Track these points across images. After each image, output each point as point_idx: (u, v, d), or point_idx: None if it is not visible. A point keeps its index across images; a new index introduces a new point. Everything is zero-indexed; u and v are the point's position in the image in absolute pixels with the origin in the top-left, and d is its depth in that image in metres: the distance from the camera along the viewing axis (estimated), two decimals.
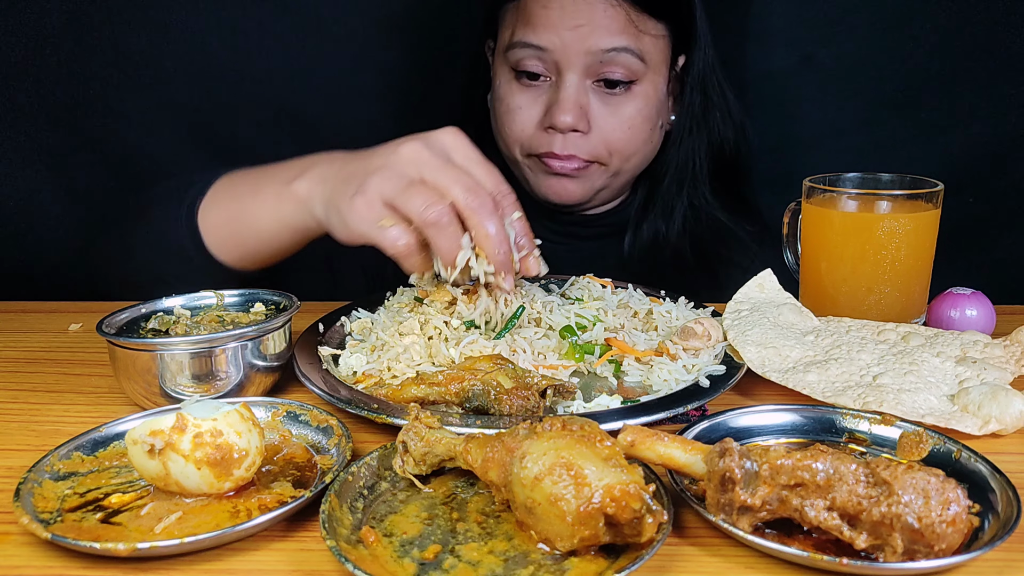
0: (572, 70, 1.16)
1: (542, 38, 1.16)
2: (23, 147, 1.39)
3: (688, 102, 1.26)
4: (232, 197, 1.00)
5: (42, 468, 0.64)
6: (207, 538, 0.56)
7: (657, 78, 1.22)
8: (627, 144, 1.22)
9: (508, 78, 1.22)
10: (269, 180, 0.97)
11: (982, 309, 0.94)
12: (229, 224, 0.99)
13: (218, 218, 1.00)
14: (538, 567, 0.54)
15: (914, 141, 1.35)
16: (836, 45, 1.34)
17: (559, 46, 1.15)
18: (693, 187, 1.30)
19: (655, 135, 1.26)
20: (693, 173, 1.29)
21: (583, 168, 1.21)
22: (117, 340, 0.76)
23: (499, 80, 1.24)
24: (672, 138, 1.29)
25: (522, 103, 1.21)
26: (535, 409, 0.74)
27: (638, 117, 1.21)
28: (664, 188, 1.29)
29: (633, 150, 1.23)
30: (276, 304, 0.88)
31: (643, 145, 1.25)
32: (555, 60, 1.17)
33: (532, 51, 1.17)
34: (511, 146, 1.24)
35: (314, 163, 0.95)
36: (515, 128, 1.22)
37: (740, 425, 0.71)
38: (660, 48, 1.21)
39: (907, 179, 0.97)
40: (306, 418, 0.72)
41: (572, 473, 0.53)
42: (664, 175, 1.29)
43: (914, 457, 0.66)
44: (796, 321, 0.90)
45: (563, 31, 1.15)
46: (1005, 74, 1.30)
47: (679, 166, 1.28)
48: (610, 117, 1.19)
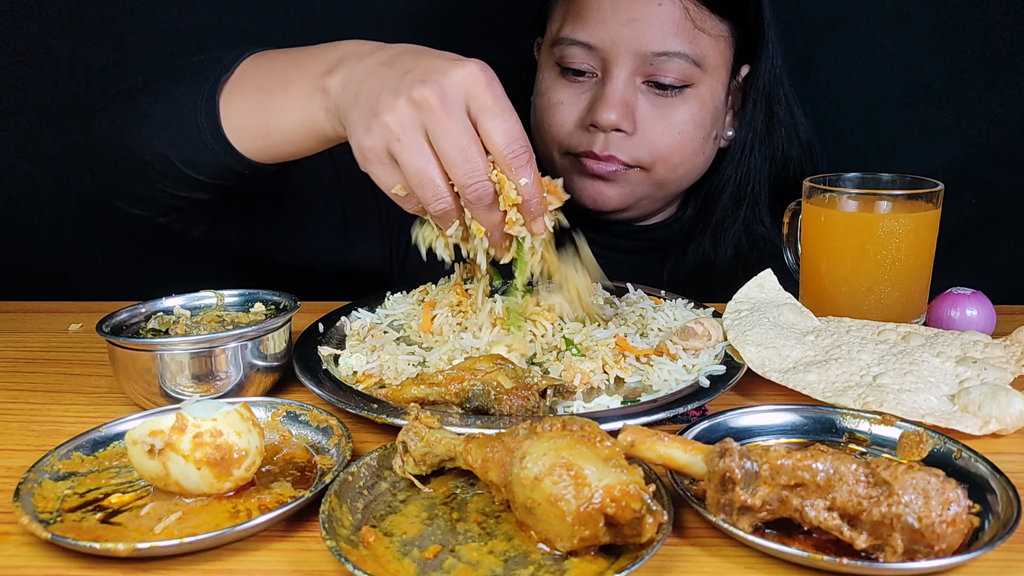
0: (620, 67, 1.09)
1: (591, 33, 1.09)
2: (23, 147, 1.39)
3: (751, 117, 1.18)
4: (260, 86, 0.91)
5: (42, 468, 0.64)
6: (207, 538, 0.56)
7: (714, 84, 1.14)
8: (675, 151, 1.13)
9: (552, 73, 1.16)
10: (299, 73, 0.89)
11: (982, 309, 0.94)
12: (254, 115, 0.91)
13: (243, 106, 0.92)
14: (538, 567, 0.54)
15: (914, 141, 1.35)
16: (836, 45, 1.34)
17: (608, 43, 1.09)
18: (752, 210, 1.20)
19: (708, 146, 1.17)
20: (752, 196, 1.20)
21: (622, 172, 1.13)
22: (117, 340, 0.76)
23: (542, 74, 1.18)
24: (730, 154, 1.20)
25: (564, 98, 1.14)
26: (535, 409, 0.74)
27: (690, 123, 1.12)
28: (719, 209, 1.20)
29: (681, 159, 1.14)
30: (276, 304, 0.88)
31: (693, 155, 1.16)
32: (603, 57, 1.10)
33: (579, 47, 1.11)
34: (549, 144, 1.17)
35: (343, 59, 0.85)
36: (555, 124, 1.15)
37: (740, 425, 0.71)
38: (720, 51, 1.13)
39: (907, 179, 0.97)
40: (306, 418, 0.72)
41: (572, 473, 0.53)
42: (718, 194, 1.20)
43: (914, 457, 0.66)
44: (796, 321, 0.90)
45: (613, 26, 1.08)
46: (1006, 74, 1.30)
47: (737, 185, 1.19)
48: (658, 120, 1.11)
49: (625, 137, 1.11)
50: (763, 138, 1.19)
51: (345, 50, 0.88)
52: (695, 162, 1.17)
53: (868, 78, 1.34)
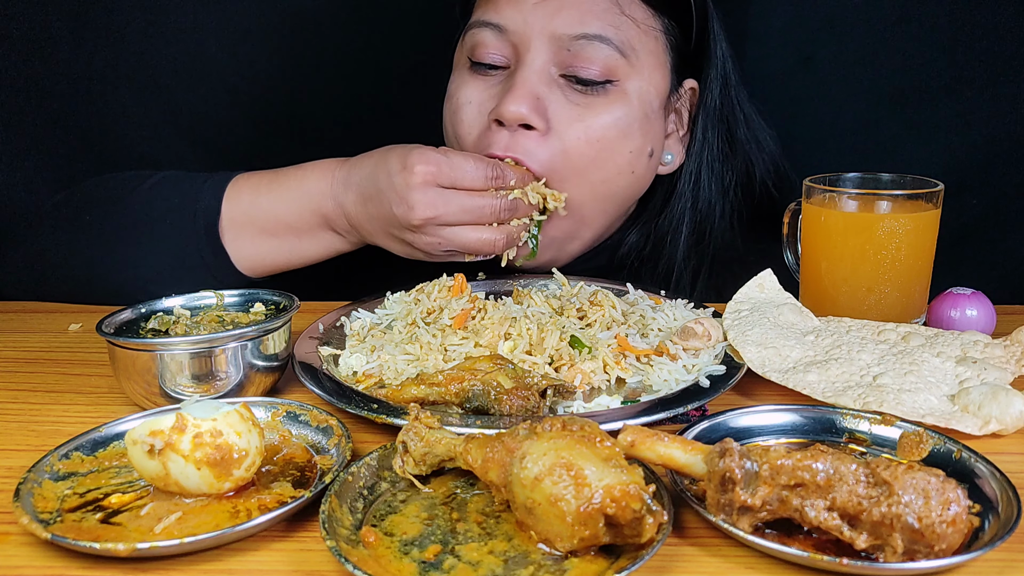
0: (534, 52, 0.95)
1: (502, 15, 0.97)
2: (22, 147, 1.39)
3: (701, 143, 1.04)
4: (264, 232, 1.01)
5: (42, 468, 0.64)
6: (207, 538, 0.56)
7: (644, 85, 0.98)
8: (593, 163, 0.96)
9: (463, 71, 1.03)
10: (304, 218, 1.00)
11: (982, 309, 0.94)
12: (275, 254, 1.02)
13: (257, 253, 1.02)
14: (538, 567, 0.54)
15: (914, 141, 1.35)
16: (836, 45, 1.34)
17: (520, 24, 0.95)
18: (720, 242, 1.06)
19: (639, 164, 1.00)
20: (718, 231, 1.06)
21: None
22: (117, 340, 0.76)
23: (453, 74, 1.05)
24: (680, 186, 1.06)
25: (473, 97, 1.00)
26: (535, 409, 0.74)
27: (613, 128, 0.96)
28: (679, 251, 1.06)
29: (602, 176, 0.97)
30: (276, 304, 0.88)
31: (617, 173, 0.99)
32: (515, 43, 0.97)
33: (489, 32, 0.97)
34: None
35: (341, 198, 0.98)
36: (462, 128, 1.00)
37: (740, 425, 0.71)
38: (651, 49, 0.99)
39: (907, 179, 0.97)
40: (306, 418, 0.71)
41: (572, 473, 0.53)
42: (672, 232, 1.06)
43: (914, 457, 0.66)
44: (796, 321, 0.90)
45: (527, 6, 0.95)
46: (1006, 74, 1.30)
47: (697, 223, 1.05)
48: (575, 121, 0.96)
49: (537, 137, 0.95)
50: (722, 165, 1.06)
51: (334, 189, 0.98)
52: (620, 183, 1.00)
53: (868, 78, 1.34)
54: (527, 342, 0.85)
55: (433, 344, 0.85)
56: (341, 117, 1.41)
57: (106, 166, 1.40)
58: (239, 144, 1.41)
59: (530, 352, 0.84)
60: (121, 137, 1.40)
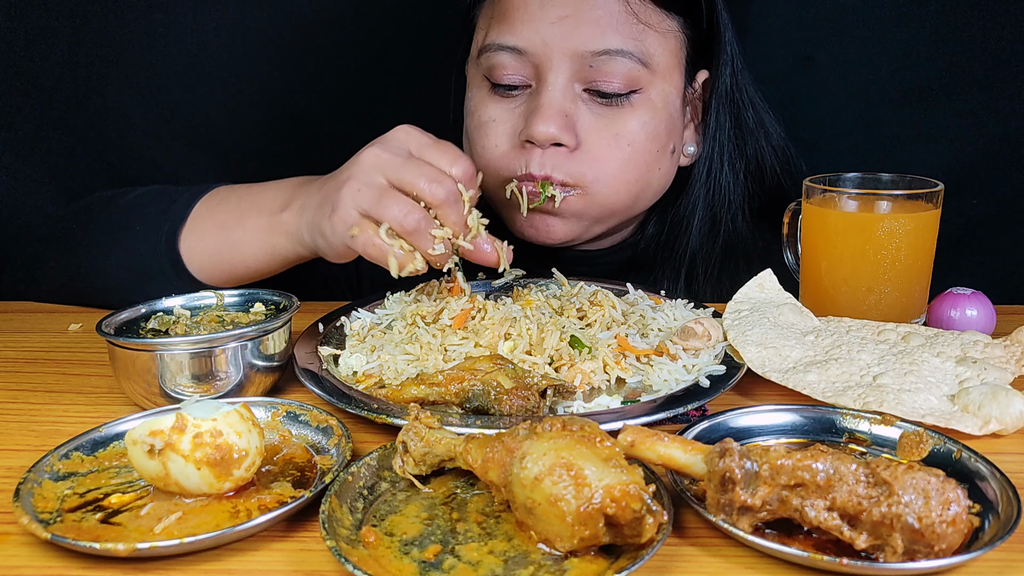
0: (556, 72, 0.96)
1: (519, 36, 0.96)
2: (22, 147, 1.39)
3: (715, 127, 1.06)
4: (217, 226, 0.99)
5: (42, 468, 0.64)
6: (207, 538, 0.56)
7: (667, 88, 1.01)
8: (626, 167, 0.99)
9: (482, 90, 1.03)
10: (254, 209, 0.98)
11: (982, 309, 0.94)
12: (216, 254, 0.99)
13: (204, 247, 0.99)
14: (538, 567, 0.54)
15: (914, 141, 1.35)
16: (836, 45, 1.34)
17: (539, 45, 0.96)
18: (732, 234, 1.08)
19: (665, 161, 1.04)
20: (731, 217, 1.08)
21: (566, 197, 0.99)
22: (117, 340, 0.76)
23: (471, 92, 1.06)
24: (696, 172, 1.08)
25: (496, 115, 1.01)
26: (535, 409, 0.74)
27: (641, 133, 0.99)
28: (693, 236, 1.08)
29: (635, 176, 1.01)
30: (276, 304, 0.88)
31: (647, 171, 1.02)
32: (535, 64, 0.97)
33: (508, 55, 0.97)
34: (485, 170, 0.99)
35: (295, 192, 0.96)
36: (488, 145, 1.01)
37: (740, 425, 0.71)
38: (670, 50, 1.00)
39: (907, 179, 0.97)
40: (306, 418, 0.72)
41: (572, 473, 0.53)
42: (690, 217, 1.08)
43: (914, 457, 0.66)
44: (796, 321, 0.90)
45: (543, 25, 0.95)
46: (1006, 74, 1.30)
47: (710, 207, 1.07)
48: (604, 132, 0.98)
49: (567, 153, 0.97)
50: (733, 149, 1.08)
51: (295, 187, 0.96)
52: (650, 179, 1.03)
53: (868, 78, 1.34)
54: (527, 342, 0.85)
55: (433, 344, 0.85)
56: (341, 117, 1.41)
57: (105, 166, 1.41)
58: (239, 144, 1.41)
59: (530, 352, 0.84)
60: (121, 137, 1.40)
